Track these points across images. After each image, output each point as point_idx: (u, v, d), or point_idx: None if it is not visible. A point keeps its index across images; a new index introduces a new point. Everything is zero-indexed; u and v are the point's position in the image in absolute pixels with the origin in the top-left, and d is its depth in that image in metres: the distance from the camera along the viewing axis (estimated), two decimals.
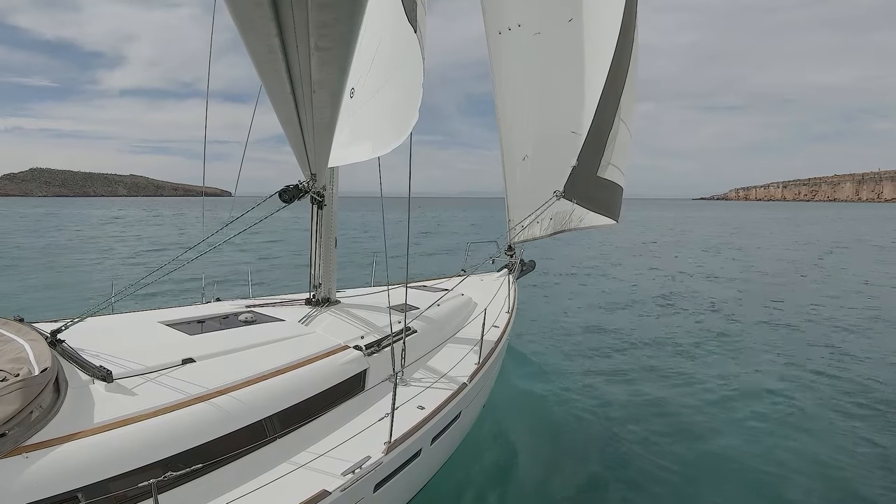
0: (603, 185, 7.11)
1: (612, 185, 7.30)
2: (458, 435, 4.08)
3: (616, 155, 7.08)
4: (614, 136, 6.93)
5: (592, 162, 6.78)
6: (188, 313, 3.94)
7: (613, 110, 6.79)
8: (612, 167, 7.13)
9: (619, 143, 7.03)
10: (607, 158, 6.97)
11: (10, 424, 2.07)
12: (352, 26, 1.99)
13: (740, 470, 4.86)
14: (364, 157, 3.82)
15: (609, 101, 6.59)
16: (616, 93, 6.71)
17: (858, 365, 7.94)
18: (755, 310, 11.94)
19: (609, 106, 6.64)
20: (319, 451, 2.82)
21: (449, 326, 4.93)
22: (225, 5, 1.84)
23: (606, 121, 6.73)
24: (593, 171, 6.86)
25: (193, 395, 2.71)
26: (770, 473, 4.81)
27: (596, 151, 6.78)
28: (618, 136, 6.98)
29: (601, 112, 6.51)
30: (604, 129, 6.72)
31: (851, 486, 4.63)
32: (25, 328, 2.94)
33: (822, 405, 6.40)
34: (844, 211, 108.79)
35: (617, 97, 6.75)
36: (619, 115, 6.89)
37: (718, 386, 6.93)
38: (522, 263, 7.28)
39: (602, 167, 6.97)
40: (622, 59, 6.56)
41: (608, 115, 6.71)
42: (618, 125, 6.94)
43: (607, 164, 7.02)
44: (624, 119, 7.02)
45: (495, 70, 6.77)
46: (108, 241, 28.37)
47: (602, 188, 7.11)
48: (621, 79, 6.73)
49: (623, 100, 6.88)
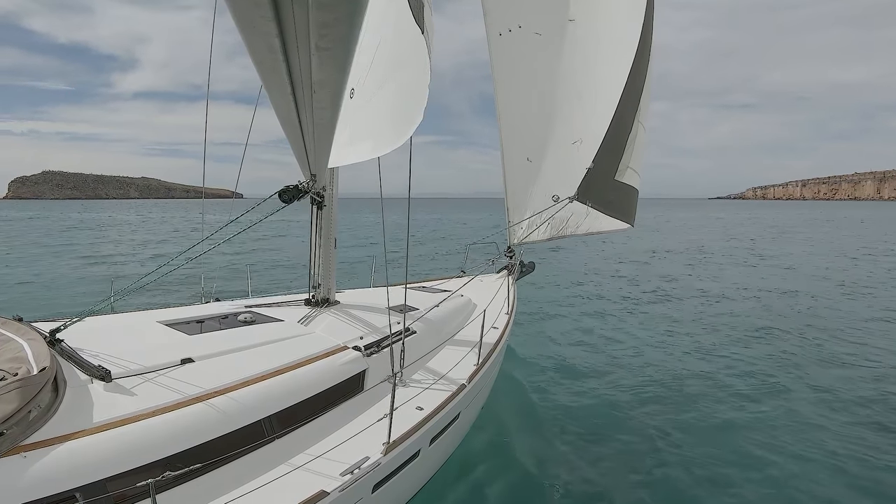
0: (619, 188, 6.97)
1: (629, 188, 7.16)
2: (457, 436, 4.08)
3: (634, 157, 6.95)
4: (633, 138, 6.79)
5: (610, 165, 6.67)
6: (187, 313, 3.94)
7: (633, 112, 6.65)
8: (630, 170, 7.00)
9: (637, 145, 6.90)
10: (626, 161, 6.84)
11: (9, 424, 2.07)
12: (352, 26, 1.99)
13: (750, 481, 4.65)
14: (364, 157, 3.82)
15: (629, 102, 6.47)
16: (636, 94, 6.59)
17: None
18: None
19: (629, 108, 6.52)
20: (318, 451, 2.81)
21: (448, 327, 4.93)
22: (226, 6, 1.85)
23: (626, 123, 6.59)
24: (611, 175, 6.74)
25: (192, 395, 2.71)
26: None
27: (615, 154, 6.65)
28: (637, 137, 6.84)
29: (620, 114, 6.39)
30: (622, 131, 6.59)
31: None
32: (24, 327, 2.93)
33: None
34: (881, 210, 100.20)
35: (637, 99, 6.63)
36: (638, 116, 6.75)
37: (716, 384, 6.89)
38: (522, 265, 7.29)
39: (620, 171, 6.84)
40: (642, 61, 6.46)
41: (627, 117, 6.57)
42: (637, 127, 6.79)
43: (626, 167, 6.88)
44: (642, 120, 6.89)
45: (496, 71, 6.77)
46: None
47: (618, 191, 6.97)
48: (641, 80, 6.62)
49: (642, 101, 6.76)
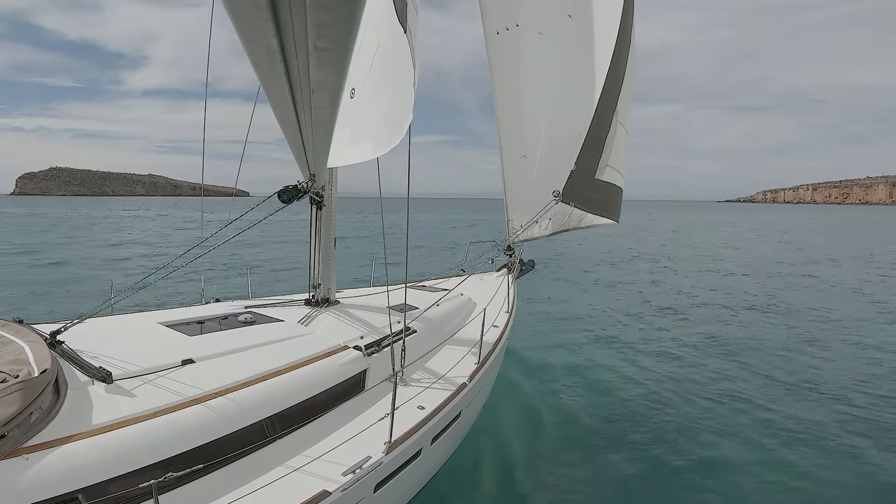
0: (601, 186, 7.09)
1: (611, 186, 7.28)
2: (458, 435, 4.08)
3: (614, 157, 7.06)
4: (612, 138, 6.90)
5: (591, 164, 6.78)
6: (188, 314, 3.94)
7: (611, 112, 6.77)
8: (611, 169, 7.12)
9: (616, 145, 7.01)
10: (605, 160, 6.95)
11: (10, 426, 2.07)
12: (350, 27, 1.99)
13: (748, 482, 4.65)
14: (363, 157, 3.82)
15: (607, 102, 6.57)
16: (614, 94, 6.69)
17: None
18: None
19: (607, 108, 6.63)
20: (319, 451, 2.81)
21: (448, 326, 4.94)
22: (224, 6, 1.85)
23: (604, 123, 6.71)
24: (591, 174, 6.86)
25: (193, 395, 2.71)
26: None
27: (594, 154, 6.76)
28: (615, 138, 6.95)
29: (599, 114, 6.50)
30: (602, 131, 6.71)
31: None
32: (25, 329, 2.93)
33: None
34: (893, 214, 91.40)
35: (615, 99, 6.73)
36: (616, 117, 6.86)
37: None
38: (522, 263, 7.30)
39: (600, 169, 6.95)
40: (619, 61, 6.54)
41: (606, 117, 6.69)
42: (615, 127, 6.91)
43: (605, 165, 6.99)
44: (621, 121, 7.01)
45: (494, 70, 6.78)
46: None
47: (600, 190, 7.10)
48: (619, 80, 6.72)
49: (620, 102, 6.85)
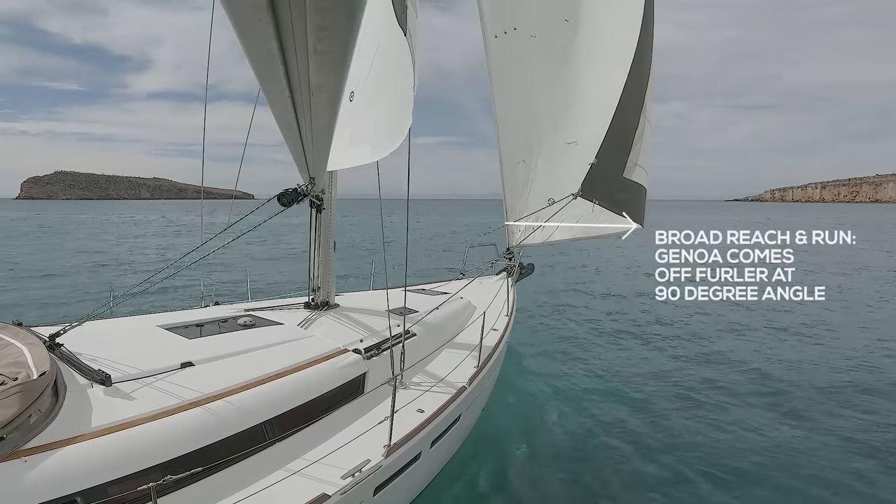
0: (628, 186, 6.82)
1: (637, 186, 6.99)
2: (457, 438, 4.07)
3: (643, 155, 6.84)
4: (640, 136, 6.69)
5: (618, 162, 6.59)
6: (187, 317, 3.94)
7: (638, 109, 6.59)
8: (639, 168, 6.85)
9: (644, 143, 6.81)
10: (634, 159, 6.72)
11: (9, 428, 2.07)
12: (350, 30, 2.00)
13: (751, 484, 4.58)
14: (363, 160, 3.83)
15: (632, 99, 6.44)
16: (640, 91, 6.56)
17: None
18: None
19: (633, 105, 6.48)
20: (319, 454, 2.81)
21: (448, 329, 4.93)
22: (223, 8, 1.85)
23: (631, 120, 6.53)
24: (619, 172, 6.64)
25: (192, 398, 2.70)
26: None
27: (622, 151, 6.57)
28: (644, 135, 6.75)
29: (624, 111, 6.36)
30: (628, 128, 6.54)
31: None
32: (24, 332, 2.93)
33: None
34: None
35: (641, 95, 6.59)
36: (644, 114, 6.68)
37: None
38: (521, 266, 7.29)
39: (629, 168, 6.72)
40: (644, 58, 6.43)
41: (633, 114, 6.52)
42: (643, 125, 6.71)
43: (634, 164, 6.75)
44: (649, 119, 6.82)
45: (493, 73, 6.77)
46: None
47: (627, 189, 6.83)
48: (645, 77, 6.60)
49: (647, 98, 6.69)
